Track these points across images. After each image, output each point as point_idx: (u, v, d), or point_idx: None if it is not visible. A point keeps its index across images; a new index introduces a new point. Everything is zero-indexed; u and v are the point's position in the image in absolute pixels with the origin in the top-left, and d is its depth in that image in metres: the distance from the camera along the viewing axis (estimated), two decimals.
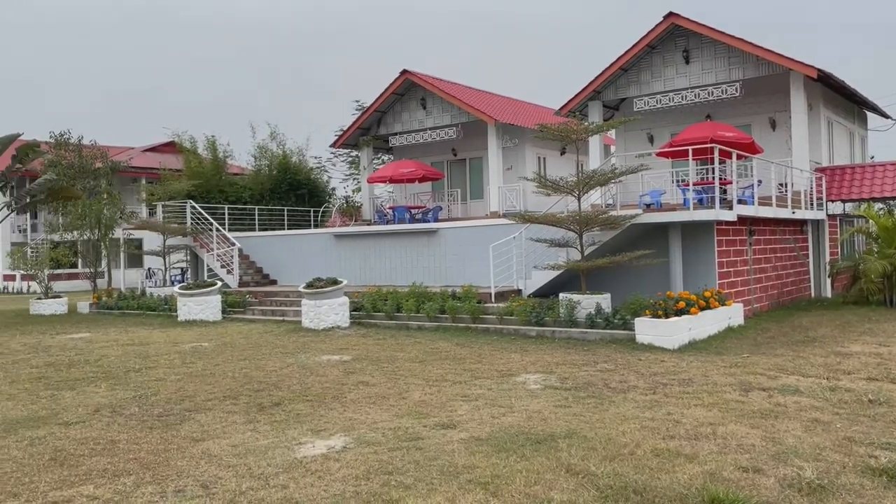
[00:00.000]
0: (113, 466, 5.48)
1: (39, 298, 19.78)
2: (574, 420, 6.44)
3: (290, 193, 26.39)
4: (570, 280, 13.82)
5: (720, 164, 13.73)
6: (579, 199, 12.75)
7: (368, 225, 23.13)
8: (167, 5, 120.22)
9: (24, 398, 8.14)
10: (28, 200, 21.24)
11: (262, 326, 14.75)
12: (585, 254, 12.63)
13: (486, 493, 4.61)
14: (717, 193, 12.78)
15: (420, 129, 23.85)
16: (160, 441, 6.18)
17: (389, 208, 23.72)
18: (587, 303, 11.95)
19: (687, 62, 18.60)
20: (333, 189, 30.14)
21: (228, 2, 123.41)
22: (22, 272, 30.64)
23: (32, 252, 26.24)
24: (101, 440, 6.25)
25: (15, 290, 32.68)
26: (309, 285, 14.26)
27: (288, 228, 24.52)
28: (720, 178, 13.91)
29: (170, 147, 36.56)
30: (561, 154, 24.40)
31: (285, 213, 25.25)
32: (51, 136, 29.36)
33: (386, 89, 23.80)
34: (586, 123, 14.21)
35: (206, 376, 9.23)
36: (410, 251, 17.57)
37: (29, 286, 31.21)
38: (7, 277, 34.04)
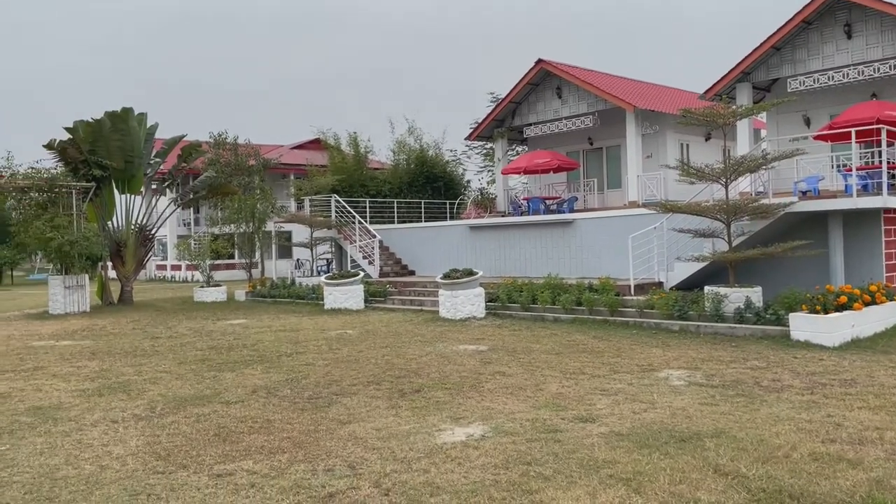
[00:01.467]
0: (269, 444, 5.86)
1: (202, 286, 21.48)
2: (722, 419, 6.14)
3: (426, 186, 26.98)
4: (715, 272, 13.16)
5: (888, 146, 12.52)
6: (727, 187, 12.09)
7: (503, 216, 23.20)
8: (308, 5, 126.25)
9: (191, 378, 8.87)
10: (191, 196, 23.12)
11: (401, 315, 15.21)
12: (733, 244, 11.97)
13: (629, 489, 4.50)
14: (884, 178, 11.67)
15: (555, 118, 23.56)
16: (310, 422, 6.53)
17: (524, 199, 23.66)
18: (735, 296, 11.33)
19: (849, 37, 17.09)
20: (468, 181, 30.47)
21: (366, 3, 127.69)
22: (187, 262, 33.45)
23: (195, 244, 28.59)
24: (258, 419, 6.70)
25: (181, 279, 35.72)
26: (445, 276, 14.52)
27: (425, 220, 25.09)
28: (889, 162, 12.69)
29: (315, 144, 38.46)
30: (706, 140, 23.25)
31: (422, 205, 25.84)
32: (210, 136, 31.84)
33: (521, 80, 23.71)
34: (734, 107, 13.44)
35: (350, 362, 9.65)
36: (545, 242, 17.43)
37: (192, 275, 34.01)
38: (174, 267, 37.28)
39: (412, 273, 21.13)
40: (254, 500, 4.56)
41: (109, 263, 21.19)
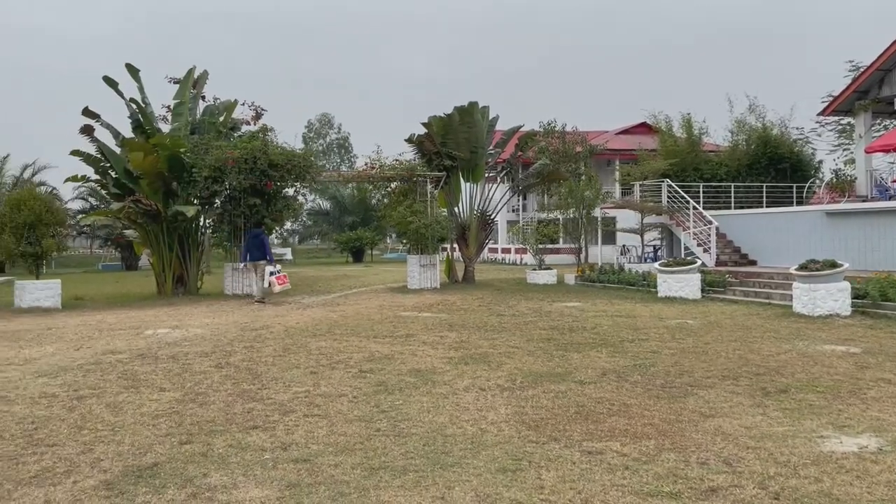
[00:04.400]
0: (631, 428, 5.86)
1: (534, 269, 22.48)
2: None
3: (769, 168, 24.68)
4: None
5: None
6: None
7: (864, 201, 20.23)
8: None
9: (541, 355, 9.30)
10: (527, 183, 24.30)
11: (744, 308, 14.17)
12: None
13: None
14: None
15: None
16: (669, 411, 6.39)
17: (894, 181, 20.35)
18: None
19: None
20: (820, 162, 27.15)
21: None
22: (516, 246, 35.35)
23: (524, 229, 30.04)
24: (614, 402, 6.76)
25: (510, 262, 37.89)
26: (801, 267, 13.13)
27: (766, 206, 23.02)
28: None
29: (642, 128, 37.73)
30: None
31: (763, 189, 23.75)
32: (540, 125, 33.12)
33: (893, 42, 20.30)
34: None
35: (698, 353, 9.25)
36: None
37: (521, 258, 35.83)
38: (504, 250, 39.68)
39: (753, 263, 19.55)
40: (631, 482, 4.59)
41: (455, 245, 23.27)
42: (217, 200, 19.09)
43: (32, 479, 4.78)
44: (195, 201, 18.97)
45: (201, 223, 20.10)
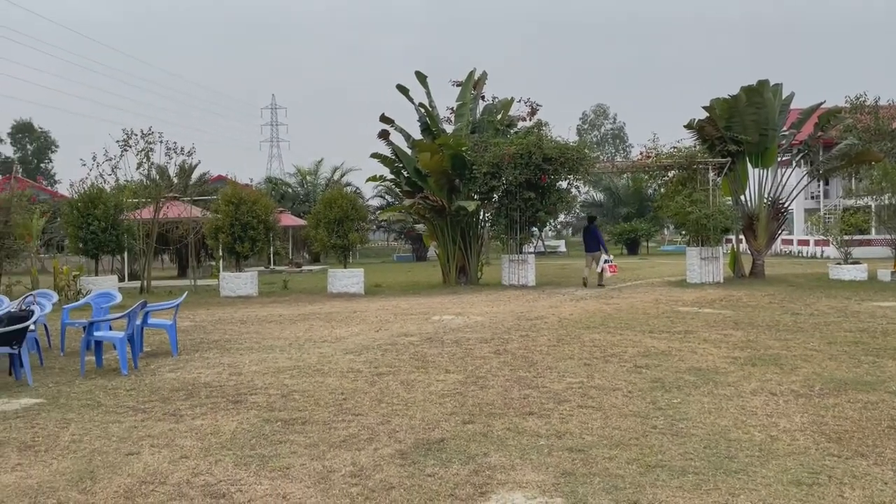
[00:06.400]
0: None
1: (838, 263, 19.96)
2: None
3: None
4: None
5: None
6: None
7: None
8: None
9: (845, 360, 8.23)
10: (828, 167, 21.65)
11: None
12: None
13: None
14: None
15: None
16: None
17: None
18: None
19: None
20: None
21: None
22: (815, 237, 31.67)
23: (826, 218, 26.75)
24: None
25: (808, 255, 34.06)
26: None
27: None
28: None
29: None
30: None
31: None
32: (846, 101, 29.25)
33: None
34: None
35: None
36: None
37: (822, 251, 32.02)
38: (801, 242, 35.80)
39: None
40: None
41: (741, 237, 21.59)
42: (495, 195, 19.95)
43: (342, 442, 5.46)
44: (475, 196, 20.03)
45: (481, 217, 21.18)
